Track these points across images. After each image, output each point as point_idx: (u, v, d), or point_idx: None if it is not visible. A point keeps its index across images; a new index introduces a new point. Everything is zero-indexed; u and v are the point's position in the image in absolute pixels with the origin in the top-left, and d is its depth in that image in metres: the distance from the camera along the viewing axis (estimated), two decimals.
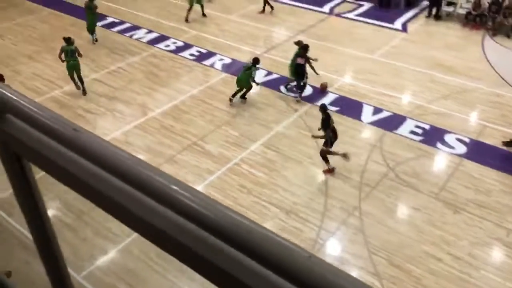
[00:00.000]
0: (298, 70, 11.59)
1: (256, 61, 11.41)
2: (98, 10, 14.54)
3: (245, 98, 11.63)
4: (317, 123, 10.79)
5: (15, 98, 1.11)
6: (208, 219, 0.80)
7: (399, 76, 12.88)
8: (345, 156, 9.17)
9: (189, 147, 10.07)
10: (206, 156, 9.79)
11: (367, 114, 11.18)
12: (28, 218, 1.37)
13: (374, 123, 10.87)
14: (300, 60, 11.54)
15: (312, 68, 11.71)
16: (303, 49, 11.56)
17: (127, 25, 16.00)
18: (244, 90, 11.51)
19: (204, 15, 16.50)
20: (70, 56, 11.46)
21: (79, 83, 11.77)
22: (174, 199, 0.83)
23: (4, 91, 1.13)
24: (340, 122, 10.86)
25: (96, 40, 14.58)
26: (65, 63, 11.58)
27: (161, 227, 0.88)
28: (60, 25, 15.97)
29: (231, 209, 0.80)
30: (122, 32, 15.50)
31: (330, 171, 9.30)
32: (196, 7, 16.10)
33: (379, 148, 10.03)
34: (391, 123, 10.83)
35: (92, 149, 0.94)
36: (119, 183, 0.92)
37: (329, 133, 9.11)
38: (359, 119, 10.99)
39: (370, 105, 11.50)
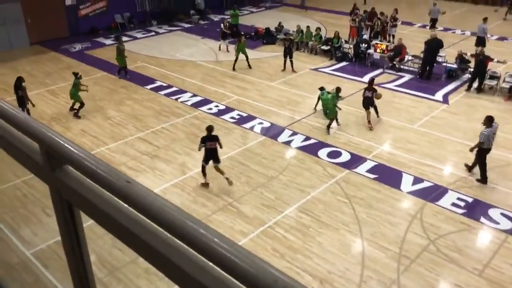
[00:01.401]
0: (368, 102, 13.45)
1: (338, 89, 13.34)
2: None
3: (338, 123, 13.70)
4: (355, 190, 10.68)
5: (74, 150, 1.21)
6: (248, 274, 0.82)
7: (440, 146, 12.67)
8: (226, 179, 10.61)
9: (224, 207, 10.10)
10: (240, 218, 9.76)
11: (406, 183, 10.95)
12: (71, 264, 1.42)
13: (414, 193, 10.60)
14: (368, 93, 13.41)
15: (376, 99, 13.38)
16: (369, 83, 13.68)
17: (174, 89, 16.82)
18: (333, 118, 13.42)
19: (249, 66, 18.56)
20: (73, 87, 14.34)
21: (76, 106, 14.58)
22: (216, 253, 0.86)
23: (64, 144, 1.23)
24: (378, 190, 10.69)
25: (128, 78, 17.52)
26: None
27: (201, 279, 0.91)
28: (111, 87, 16.98)
29: (269, 264, 0.83)
30: (169, 95, 16.27)
31: (205, 184, 10.63)
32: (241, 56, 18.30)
33: (419, 219, 9.71)
34: (432, 194, 10.53)
35: (142, 200, 0.98)
36: (166, 236, 0.96)
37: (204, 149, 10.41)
38: (399, 188, 10.76)
39: (410, 174, 11.29)
